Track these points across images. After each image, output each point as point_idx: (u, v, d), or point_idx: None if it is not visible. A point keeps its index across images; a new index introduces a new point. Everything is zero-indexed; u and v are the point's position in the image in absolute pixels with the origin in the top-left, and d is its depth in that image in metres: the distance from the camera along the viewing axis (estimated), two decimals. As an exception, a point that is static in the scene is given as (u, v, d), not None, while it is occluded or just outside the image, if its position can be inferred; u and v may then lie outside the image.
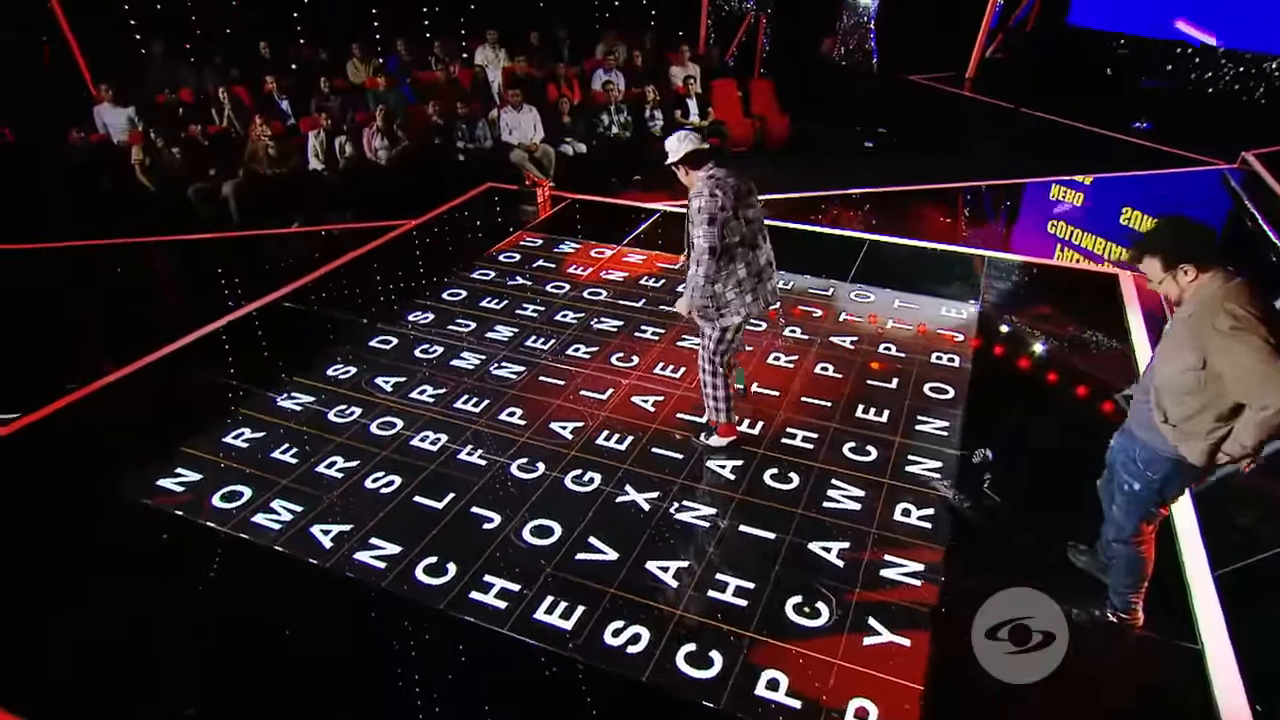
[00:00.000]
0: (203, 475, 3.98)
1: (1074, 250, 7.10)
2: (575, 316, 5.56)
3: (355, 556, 3.48)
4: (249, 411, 4.48)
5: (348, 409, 4.51)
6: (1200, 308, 2.41)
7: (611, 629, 3.12)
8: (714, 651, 3.03)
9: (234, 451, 4.16)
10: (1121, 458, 2.79)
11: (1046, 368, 5.02)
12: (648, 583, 3.34)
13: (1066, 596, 3.21)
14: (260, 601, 3.34)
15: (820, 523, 3.66)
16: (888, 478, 3.96)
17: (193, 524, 3.68)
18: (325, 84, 9.15)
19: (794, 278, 6.14)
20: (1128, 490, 2.76)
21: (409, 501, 3.81)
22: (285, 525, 3.65)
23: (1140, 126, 11.21)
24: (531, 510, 3.75)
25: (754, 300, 3.75)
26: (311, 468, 4.04)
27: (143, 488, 3.89)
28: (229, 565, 3.49)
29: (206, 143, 8.13)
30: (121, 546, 3.65)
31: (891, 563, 3.44)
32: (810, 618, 3.18)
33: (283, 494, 3.85)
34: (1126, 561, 2.92)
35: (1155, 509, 2.77)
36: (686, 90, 9.82)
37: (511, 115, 8.84)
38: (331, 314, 5.64)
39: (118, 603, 3.34)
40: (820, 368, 4.91)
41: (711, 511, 3.74)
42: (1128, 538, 2.85)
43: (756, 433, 4.30)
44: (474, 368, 4.93)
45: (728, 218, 3.55)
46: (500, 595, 3.28)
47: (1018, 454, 4.16)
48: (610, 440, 4.25)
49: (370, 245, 6.83)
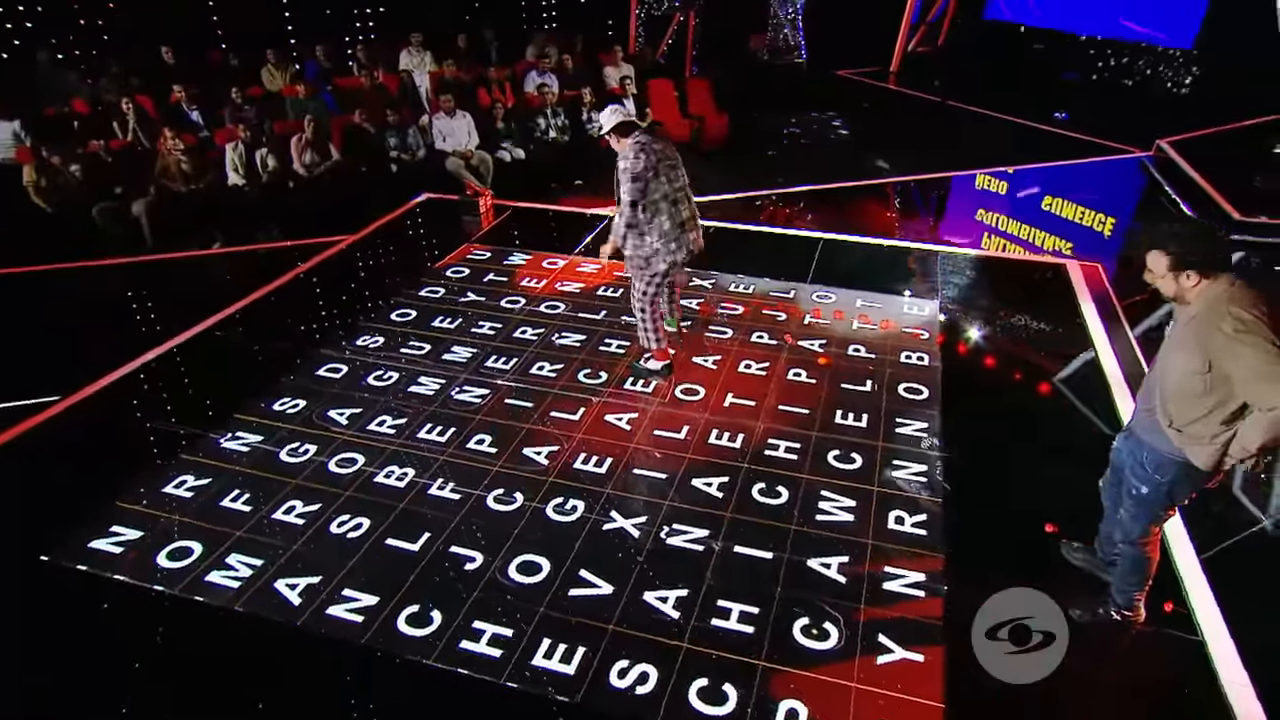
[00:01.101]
0: (143, 532, 3.62)
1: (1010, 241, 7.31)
2: (535, 332, 5.37)
3: (328, 611, 3.22)
4: (190, 457, 4.12)
5: (301, 447, 4.21)
6: (1204, 311, 2.43)
7: (617, 669, 2.97)
8: (727, 685, 2.92)
9: (177, 503, 3.80)
10: (1129, 461, 2.81)
11: (1014, 361, 5.11)
12: (648, 615, 3.20)
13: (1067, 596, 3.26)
14: (227, 671, 3.04)
15: (816, 537, 3.60)
16: (876, 485, 3.93)
17: (137, 589, 3.33)
18: (238, 93, 8.64)
19: (753, 281, 6.10)
20: (1136, 494, 2.78)
21: (381, 545, 3.56)
22: (245, 582, 3.35)
23: (1059, 117, 11.69)
24: (515, 546, 3.56)
25: (678, 248, 4.39)
26: (268, 515, 3.73)
27: (72, 552, 3.51)
28: (186, 632, 3.17)
29: (110, 159, 7.55)
30: (54, 623, 3.26)
31: (893, 574, 3.40)
32: (819, 640, 3.10)
33: (238, 547, 3.54)
34: (1132, 562, 2.95)
35: (1163, 512, 2.80)
36: (623, 91, 9.70)
37: (444, 122, 8.54)
38: (270, 343, 5.28)
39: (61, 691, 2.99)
40: (793, 374, 4.87)
41: (703, 533, 3.63)
42: (1135, 539, 2.88)
43: (738, 446, 4.22)
44: (434, 393, 4.69)
45: (650, 176, 4.21)
46: (493, 642, 3.08)
47: (999, 451, 4.22)
48: (588, 464, 4.09)
49: (306, 265, 6.44)
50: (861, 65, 14.76)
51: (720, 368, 4.94)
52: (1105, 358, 5.06)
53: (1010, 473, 4.07)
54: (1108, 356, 5.08)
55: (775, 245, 6.96)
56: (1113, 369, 4.93)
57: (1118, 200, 8.71)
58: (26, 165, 7.12)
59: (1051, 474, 4.03)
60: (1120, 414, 4.49)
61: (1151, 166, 9.31)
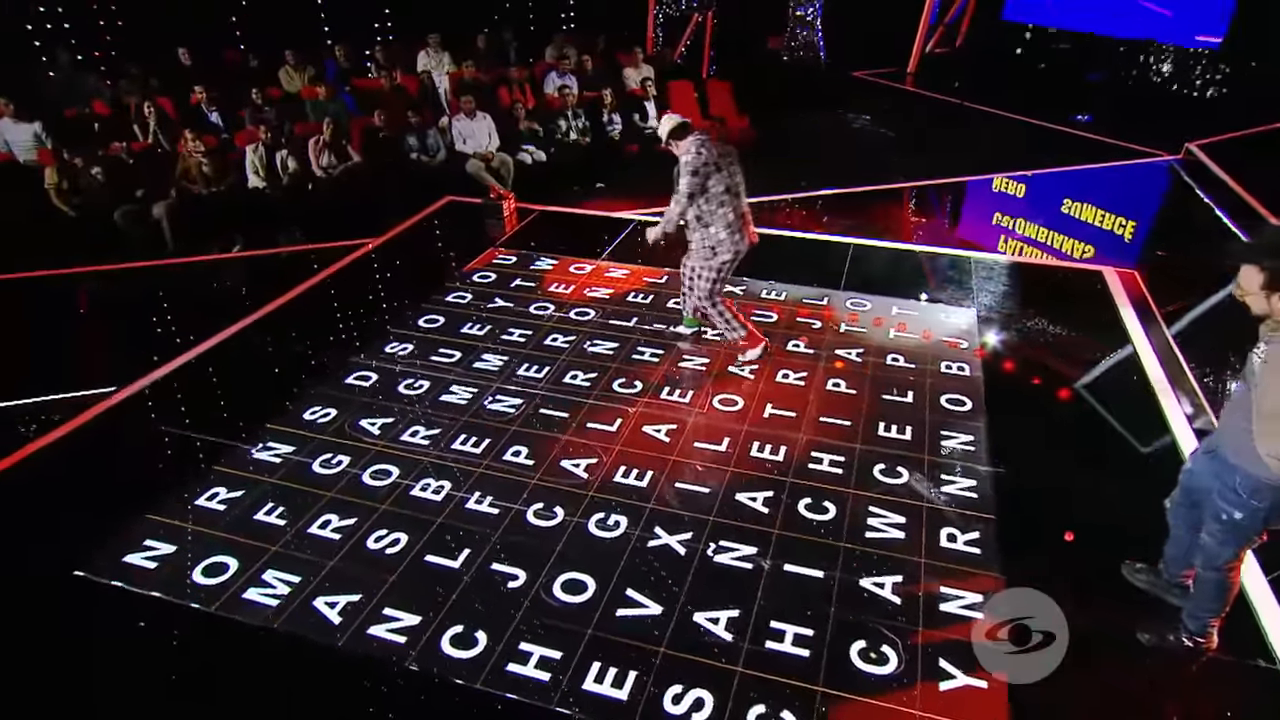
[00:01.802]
0: (177, 547, 3.53)
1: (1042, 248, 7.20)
2: (566, 340, 5.27)
3: (369, 631, 3.13)
4: (222, 469, 4.04)
5: (334, 458, 4.12)
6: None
7: (671, 695, 2.88)
8: (786, 712, 2.82)
9: (211, 516, 3.72)
10: (1216, 485, 2.69)
11: (1058, 373, 4.98)
12: (699, 637, 3.11)
13: (1133, 620, 3.17)
14: (269, 694, 2.95)
15: (867, 555, 3.50)
16: (925, 501, 3.83)
17: (174, 606, 3.25)
18: (257, 94, 8.57)
19: (786, 288, 5.99)
20: (1227, 519, 2.66)
21: (420, 562, 3.47)
22: (284, 600, 3.27)
23: (1082, 119, 11.55)
24: (558, 563, 3.46)
25: (741, 239, 4.64)
26: (303, 529, 3.65)
27: (106, 567, 3.43)
28: (225, 653, 3.08)
29: (131, 161, 7.48)
30: (91, 641, 3.18)
31: (948, 595, 3.30)
32: (878, 664, 3.00)
33: (274, 562, 3.46)
34: (1215, 587, 2.84)
35: (1255, 537, 2.68)
36: (644, 92, 9.61)
37: (465, 124, 8.46)
38: (298, 349, 5.20)
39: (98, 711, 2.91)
40: (832, 384, 4.76)
41: (751, 551, 3.53)
42: (1220, 565, 2.76)
43: (780, 459, 4.11)
44: (467, 403, 4.60)
45: (710, 170, 4.44)
46: (541, 665, 2.99)
47: (1049, 465, 4.11)
48: (628, 477, 3.99)
49: (331, 269, 6.36)
50: (879, 66, 14.63)
51: (757, 377, 4.83)
52: (1149, 366, 4.95)
53: (1062, 487, 3.95)
54: (1151, 364, 4.96)
55: (804, 250, 6.85)
56: (1158, 377, 4.82)
57: (1149, 204, 8.59)
58: (49, 167, 7.06)
59: (1104, 489, 3.93)
60: (1168, 423, 4.38)
61: (1181, 170, 9.16)
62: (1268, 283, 2.35)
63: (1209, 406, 4.57)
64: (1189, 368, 4.95)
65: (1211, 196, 8.21)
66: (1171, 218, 8.13)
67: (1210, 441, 2.80)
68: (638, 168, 9.07)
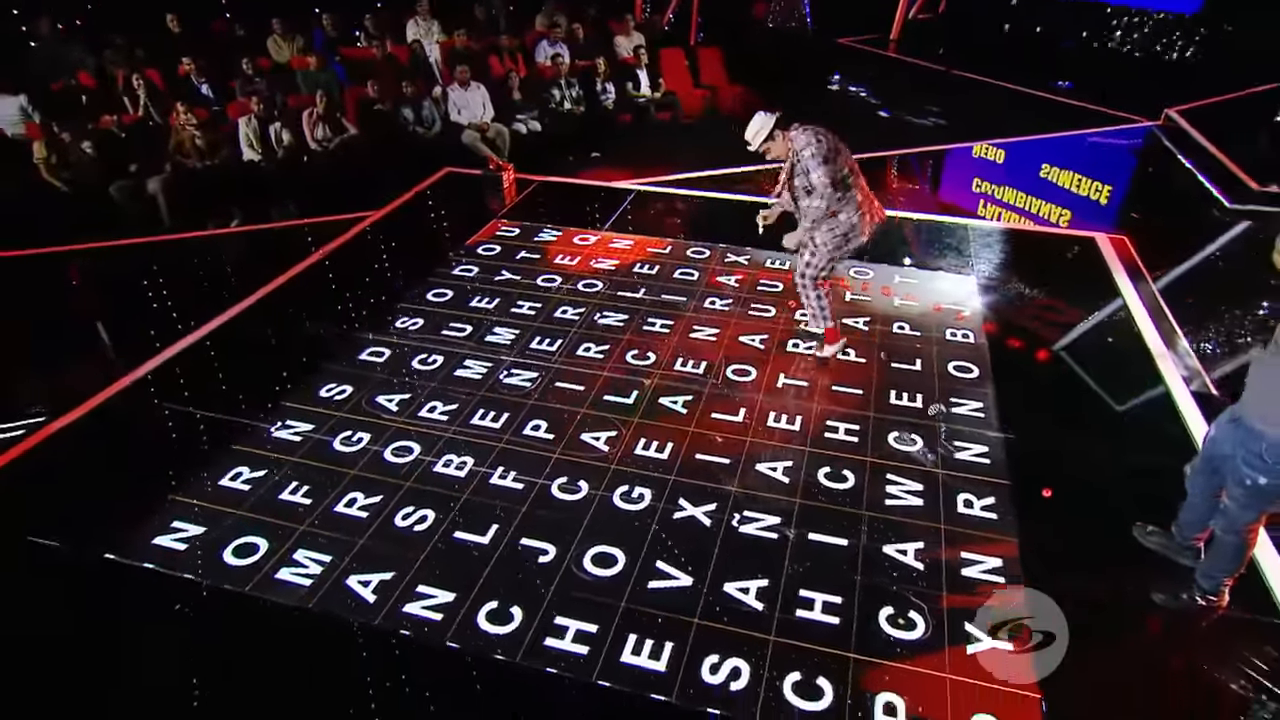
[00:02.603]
0: (205, 528, 3.44)
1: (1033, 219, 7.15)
2: (576, 312, 5.16)
3: (405, 609, 3.07)
4: (243, 448, 3.92)
5: (354, 435, 4.02)
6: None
7: (708, 665, 2.85)
8: (821, 679, 2.80)
9: (236, 497, 3.61)
10: (1241, 451, 2.67)
11: (1059, 338, 4.96)
12: (731, 608, 3.08)
13: (1147, 580, 3.18)
14: (311, 674, 2.88)
15: (888, 522, 3.48)
16: (940, 468, 3.81)
17: (208, 587, 3.16)
18: (248, 64, 8.23)
19: (790, 257, 5.89)
20: (1250, 485, 2.65)
21: (449, 538, 3.40)
22: (316, 579, 3.19)
23: (1062, 85, 11.44)
24: (586, 536, 3.41)
25: (871, 219, 4.32)
26: (329, 508, 3.56)
27: (136, 549, 3.33)
28: (263, 633, 3.01)
29: (123, 134, 7.18)
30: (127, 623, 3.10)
31: (970, 560, 3.29)
32: (907, 629, 2.99)
33: (304, 542, 3.37)
34: (1233, 550, 2.85)
35: (1274, 503, 2.68)
36: (637, 60, 9.36)
37: (459, 94, 8.20)
38: (309, 326, 5.05)
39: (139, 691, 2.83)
40: (841, 353, 4.71)
41: (775, 520, 3.49)
42: (1240, 528, 2.77)
43: (797, 429, 4.07)
44: (482, 377, 4.50)
45: (835, 155, 4.10)
46: (579, 639, 2.95)
47: (1055, 432, 4.10)
48: (649, 449, 3.93)
49: (334, 244, 6.17)
50: (863, 33, 14.38)
51: (767, 348, 4.77)
52: (1145, 329, 4.95)
53: (1072, 452, 3.95)
54: (1147, 327, 4.96)
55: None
56: (1153, 339, 4.83)
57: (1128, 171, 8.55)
58: (37, 141, 6.75)
59: (1109, 452, 3.93)
60: (1166, 384, 4.39)
61: (1162, 136, 9.12)
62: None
63: (1202, 369, 4.58)
64: (1181, 330, 4.96)
65: (1192, 161, 8.18)
66: (1154, 183, 8.10)
67: (1235, 410, 2.78)
68: (631, 137, 8.88)
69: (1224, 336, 4.95)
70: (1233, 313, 5.21)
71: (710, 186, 7.40)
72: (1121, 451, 3.95)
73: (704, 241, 6.18)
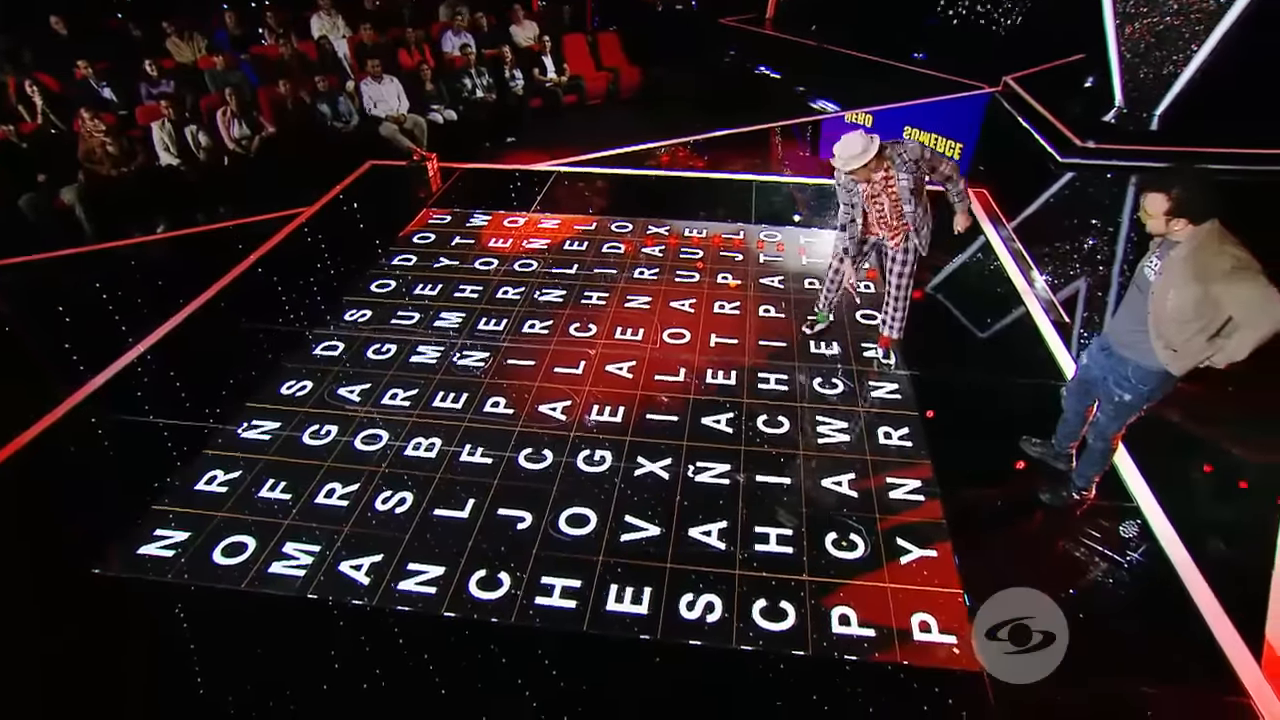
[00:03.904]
0: (191, 532, 3.21)
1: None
2: (517, 292, 5.03)
3: (400, 587, 2.98)
4: (213, 451, 3.65)
5: (321, 428, 3.81)
6: (1195, 251, 2.47)
7: (684, 603, 2.91)
8: (784, 603, 2.92)
9: (215, 499, 3.38)
10: (1111, 375, 2.90)
11: (941, 283, 5.21)
12: (698, 550, 3.14)
13: (1035, 482, 3.43)
14: (318, 657, 2.76)
15: (823, 459, 3.61)
16: (860, 406, 3.97)
17: (205, 590, 2.97)
18: (151, 65, 7.44)
19: (705, 225, 5.92)
20: (1118, 400, 2.89)
21: (429, 516, 3.31)
22: (310, 569, 3.05)
23: (917, 57, 11.79)
24: (558, 501, 3.38)
25: None
26: (310, 500, 3.38)
27: (122, 561, 3.08)
28: (267, 625, 2.86)
29: (24, 145, 6.40)
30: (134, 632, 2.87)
31: (895, 484, 3.46)
32: (850, 550, 3.14)
33: (290, 535, 3.20)
34: (1101, 455, 3.11)
35: (1139, 413, 2.93)
36: (541, 48, 9.02)
37: (373, 87, 7.71)
38: (259, 326, 4.71)
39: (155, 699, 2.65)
40: (763, 310, 4.80)
41: (726, 467, 3.56)
42: (1109, 435, 3.02)
43: (734, 383, 4.14)
44: (436, 361, 4.34)
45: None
46: (565, 594, 2.95)
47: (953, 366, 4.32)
48: (603, 414, 3.91)
49: (271, 243, 5.74)
50: (741, 11, 14.35)
51: (696, 310, 4.80)
52: (1009, 269, 5.26)
53: (962, 381, 4.18)
54: (1010, 267, 5.28)
55: (713, 189, 6.76)
56: (1016, 278, 5.14)
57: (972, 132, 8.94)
58: (-70, 157, 5.94)
59: (995, 380, 4.19)
60: (1037, 323, 4.69)
61: (1003, 100, 9.57)
62: (1171, 209, 2.47)
63: (1056, 300, 4.92)
64: (1037, 269, 5.30)
65: (1029, 123, 8.64)
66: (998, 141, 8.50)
67: (1103, 340, 3.00)
68: (543, 121, 8.62)
69: (1071, 273, 5.32)
70: (1076, 251, 5.60)
71: (623, 163, 7.31)
72: (1001, 376, 4.21)
73: (626, 216, 6.11)
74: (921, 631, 2.81)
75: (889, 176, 3.66)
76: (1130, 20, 7.68)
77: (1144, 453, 3.58)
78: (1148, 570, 3.07)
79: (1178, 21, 7.37)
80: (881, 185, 3.70)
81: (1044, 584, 2.99)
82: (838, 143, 3.55)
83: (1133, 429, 3.06)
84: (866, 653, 2.74)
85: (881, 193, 3.74)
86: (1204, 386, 3.51)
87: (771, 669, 2.69)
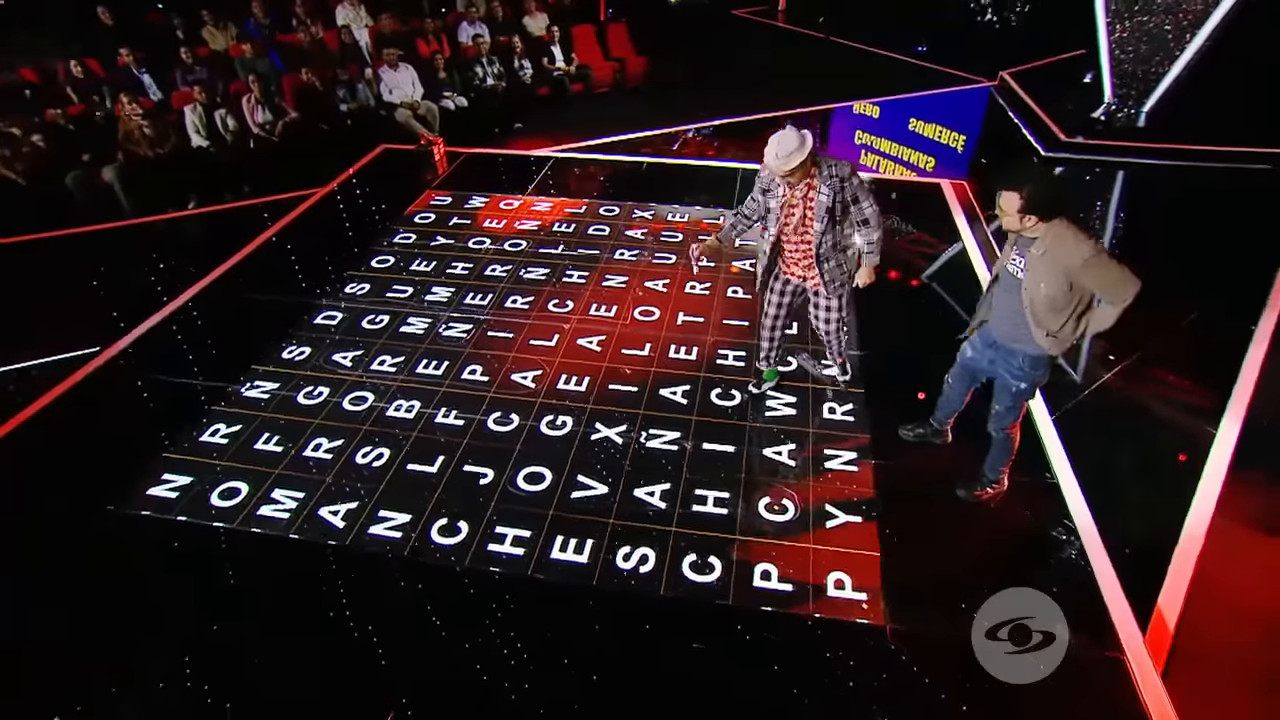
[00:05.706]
0: (193, 478, 3.44)
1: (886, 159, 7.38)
2: (504, 270, 5.17)
3: (370, 531, 3.17)
4: (219, 408, 3.88)
5: (315, 390, 4.01)
6: (1053, 245, 2.54)
7: (621, 554, 3.06)
8: (712, 558, 3.05)
9: (217, 449, 3.61)
10: (1004, 367, 2.91)
11: (906, 269, 5.23)
12: (640, 508, 3.29)
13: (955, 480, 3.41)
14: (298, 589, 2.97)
15: (768, 430, 3.71)
16: (809, 382, 4.05)
17: (200, 527, 3.20)
18: (187, 53, 7.64)
19: (687, 210, 5.99)
20: (1015, 390, 2.92)
21: (403, 470, 3.49)
22: (293, 513, 3.26)
23: (919, 50, 11.57)
24: (519, 460, 3.55)
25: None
26: (298, 453, 3.59)
27: (135, 500, 3.32)
28: (255, 560, 3.07)
29: (71, 126, 6.65)
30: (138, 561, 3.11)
31: (832, 455, 3.56)
32: (780, 514, 3.26)
33: (279, 483, 3.41)
34: (1004, 444, 3.14)
35: (1030, 400, 3.00)
36: (551, 38, 9.06)
37: (390, 75, 7.84)
38: (268, 296, 4.92)
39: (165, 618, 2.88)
40: (731, 291, 4.88)
41: (676, 435, 3.69)
42: (1007, 426, 3.07)
43: (694, 358, 4.25)
44: (423, 332, 4.51)
45: None
46: (515, 543, 3.12)
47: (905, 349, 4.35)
48: (570, 384, 4.05)
49: (286, 220, 5.95)
50: (753, 4, 14.16)
51: (669, 290, 4.90)
52: (975, 259, 5.26)
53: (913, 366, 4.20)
54: (976, 258, 5.27)
55: (701, 176, 6.80)
56: (980, 268, 5.14)
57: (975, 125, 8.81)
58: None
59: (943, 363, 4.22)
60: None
61: (997, 95, 9.39)
62: (1023, 207, 2.52)
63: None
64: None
65: (1020, 118, 8.48)
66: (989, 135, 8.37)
67: (986, 335, 2.99)
68: (549, 108, 8.69)
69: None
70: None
71: (622, 150, 7.37)
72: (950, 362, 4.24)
73: (615, 200, 6.20)
74: (836, 589, 2.93)
75: (811, 186, 3.23)
76: (1120, 18, 7.49)
77: (1069, 430, 3.64)
78: (1057, 540, 3.14)
79: (1166, 21, 7.18)
80: (802, 194, 3.26)
81: (960, 548, 3.10)
82: (772, 138, 3.11)
83: (1064, 409, 3.10)
84: (782, 605, 2.87)
85: (800, 202, 3.27)
86: (1125, 371, 3.52)
87: (693, 616, 2.84)
